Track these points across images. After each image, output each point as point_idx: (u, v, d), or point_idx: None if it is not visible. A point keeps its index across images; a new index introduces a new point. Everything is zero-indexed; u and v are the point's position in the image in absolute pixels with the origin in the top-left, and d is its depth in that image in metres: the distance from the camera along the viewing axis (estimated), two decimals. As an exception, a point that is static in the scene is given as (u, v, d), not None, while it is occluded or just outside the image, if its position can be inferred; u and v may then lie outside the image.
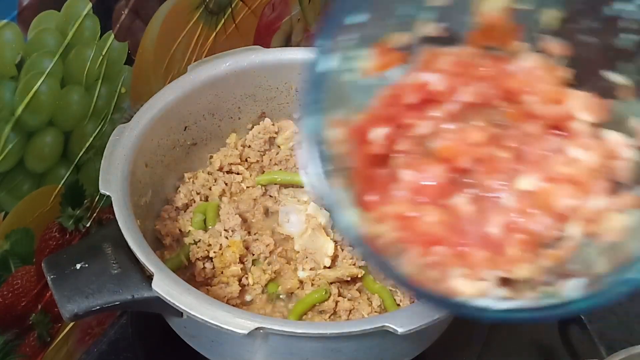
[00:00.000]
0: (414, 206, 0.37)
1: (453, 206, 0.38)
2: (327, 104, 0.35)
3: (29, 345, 0.58)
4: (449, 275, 0.36)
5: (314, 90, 0.34)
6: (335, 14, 0.34)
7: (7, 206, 0.51)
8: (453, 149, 0.38)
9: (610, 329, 0.66)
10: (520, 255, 0.36)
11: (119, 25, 0.56)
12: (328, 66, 0.34)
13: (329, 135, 0.35)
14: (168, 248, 0.61)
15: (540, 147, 0.37)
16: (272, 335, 0.48)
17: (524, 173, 0.37)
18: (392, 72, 0.36)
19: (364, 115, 0.37)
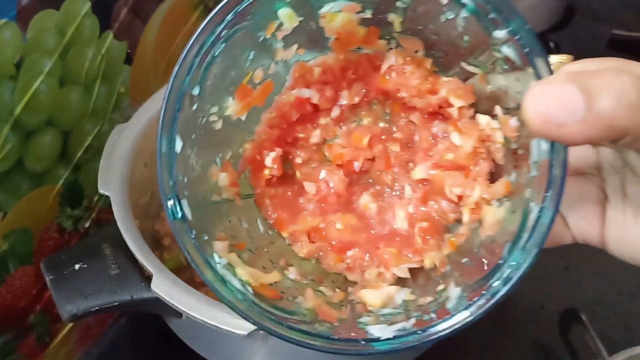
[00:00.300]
0: (323, 216, 0.39)
1: (360, 208, 0.39)
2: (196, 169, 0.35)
3: (28, 346, 0.58)
4: (356, 290, 0.37)
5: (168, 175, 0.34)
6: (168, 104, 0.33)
7: (6, 206, 0.51)
8: (344, 154, 0.39)
9: (610, 329, 0.66)
10: (426, 243, 0.37)
11: (118, 24, 0.56)
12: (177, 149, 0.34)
13: (219, 184, 0.36)
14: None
15: (428, 135, 0.38)
16: (271, 336, 0.48)
17: (417, 163, 0.38)
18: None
19: (252, 144, 0.38)
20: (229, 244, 0.35)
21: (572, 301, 0.68)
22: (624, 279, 0.71)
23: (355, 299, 0.36)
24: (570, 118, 0.24)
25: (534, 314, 0.67)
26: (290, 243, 0.38)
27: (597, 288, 0.70)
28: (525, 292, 0.69)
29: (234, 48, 0.34)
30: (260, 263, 0.36)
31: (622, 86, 0.24)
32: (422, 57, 0.37)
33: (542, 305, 0.68)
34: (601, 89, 0.24)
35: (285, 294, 0.36)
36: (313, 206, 0.39)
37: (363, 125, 0.39)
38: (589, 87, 0.24)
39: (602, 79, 0.24)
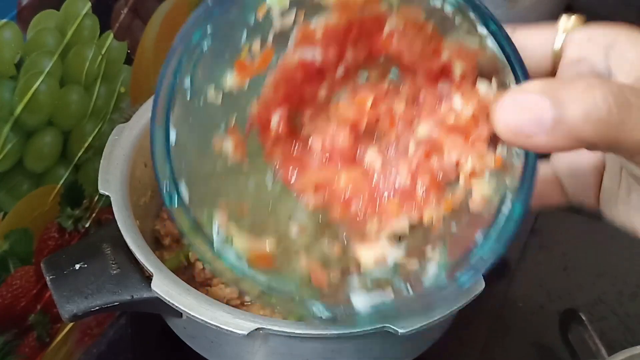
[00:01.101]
0: (329, 170, 0.39)
1: (365, 163, 0.40)
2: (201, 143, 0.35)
3: (28, 346, 0.58)
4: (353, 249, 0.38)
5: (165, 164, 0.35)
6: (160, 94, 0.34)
7: (6, 206, 0.51)
8: (350, 111, 0.39)
9: (610, 329, 0.66)
10: (427, 197, 0.37)
11: (118, 24, 0.56)
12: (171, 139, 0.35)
13: (225, 149, 0.37)
14: (167, 248, 0.61)
15: (433, 96, 0.38)
16: (272, 336, 0.48)
17: (421, 121, 0.38)
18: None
19: (258, 103, 0.38)
20: (230, 213, 0.35)
21: (572, 301, 0.68)
22: (624, 279, 0.71)
23: (350, 256, 0.37)
24: (540, 130, 0.25)
25: (533, 314, 0.67)
26: (297, 198, 0.39)
27: (597, 288, 0.70)
28: (525, 292, 0.69)
29: (224, 36, 0.34)
30: (262, 228, 0.37)
31: (593, 101, 0.24)
32: (424, 21, 0.36)
33: (541, 305, 0.68)
34: (571, 103, 0.24)
35: (281, 258, 0.37)
36: (320, 162, 0.39)
37: (367, 84, 0.39)
38: (560, 100, 0.24)
39: (574, 92, 0.24)
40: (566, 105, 0.24)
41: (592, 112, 0.24)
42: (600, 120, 0.24)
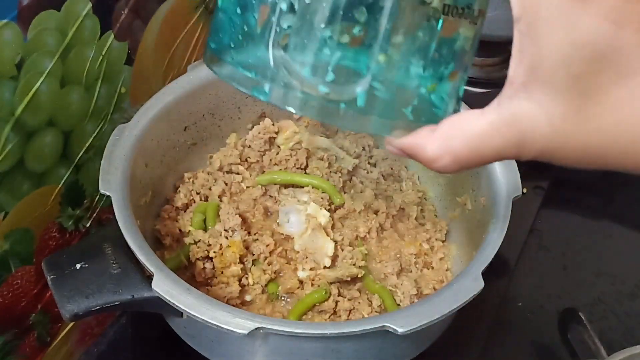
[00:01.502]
0: None
1: None
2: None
3: (28, 346, 0.58)
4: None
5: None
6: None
7: (7, 206, 0.51)
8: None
9: (610, 329, 0.66)
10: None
11: (119, 25, 0.56)
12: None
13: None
14: (168, 248, 0.61)
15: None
16: (272, 336, 0.48)
17: None
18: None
19: None
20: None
21: (572, 301, 0.68)
22: (624, 279, 0.71)
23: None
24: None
25: (533, 314, 0.67)
26: None
27: (597, 288, 0.70)
28: (524, 292, 0.69)
29: None
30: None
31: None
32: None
33: (541, 305, 0.68)
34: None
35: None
36: None
37: None
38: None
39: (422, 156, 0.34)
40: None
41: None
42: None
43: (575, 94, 0.27)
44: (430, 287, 0.60)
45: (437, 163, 0.33)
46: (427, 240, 0.64)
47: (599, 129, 0.28)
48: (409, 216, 0.66)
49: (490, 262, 0.50)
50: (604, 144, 0.28)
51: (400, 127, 0.36)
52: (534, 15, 0.27)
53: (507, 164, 0.58)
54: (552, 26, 0.27)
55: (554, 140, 0.29)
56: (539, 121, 0.29)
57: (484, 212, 0.58)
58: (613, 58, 0.26)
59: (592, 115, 0.28)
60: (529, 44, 0.28)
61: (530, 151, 0.30)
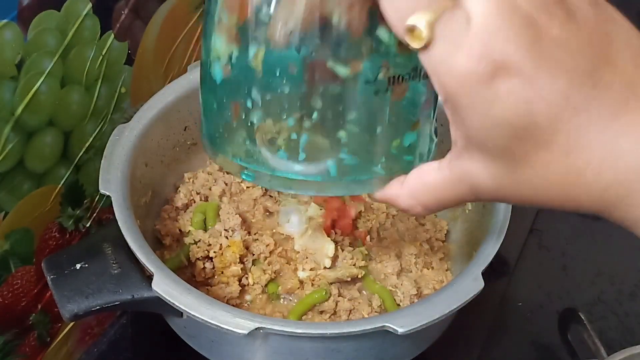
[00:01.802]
0: None
1: None
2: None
3: (28, 346, 0.58)
4: None
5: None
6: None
7: (7, 206, 0.51)
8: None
9: (610, 329, 0.66)
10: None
11: (119, 25, 0.56)
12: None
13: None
14: (168, 248, 0.61)
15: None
16: (272, 336, 0.48)
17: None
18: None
19: None
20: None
21: (571, 301, 0.68)
22: (623, 278, 0.71)
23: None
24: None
25: (533, 314, 0.67)
26: None
27: (596, 288, 0.70)
28: (524, 292, 0.69)
29: None
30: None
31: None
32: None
33: (541, 305, 0.68)
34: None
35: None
36: None
37: None
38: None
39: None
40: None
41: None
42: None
43: (505, 159, 0.31)
44: (430, 287, 0.60)
45: (411, 211, 0.37)
46: (427, 240, 0.64)
47: (528, 184, 0.31)
48: (409, 216, 0.66)
49: (490, 262, 0.50)
50: (536, 195, 0.32)
51: (375, 182, 0.39)
52: (456, 102, 0.30)
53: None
54: (471, 108, 0.29)
55: (497, 191, 0.33)
56: (483, 177, 0.32)
57: (484, 212, 0.58)
58: (529, 131, 0.29)
59: (520, 174, 0.31)
60: (459, 121, 0.31)
61: (485, 198, 0.34)
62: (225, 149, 0.41)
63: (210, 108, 0.41)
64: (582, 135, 0.29)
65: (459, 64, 0.28)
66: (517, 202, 0.34)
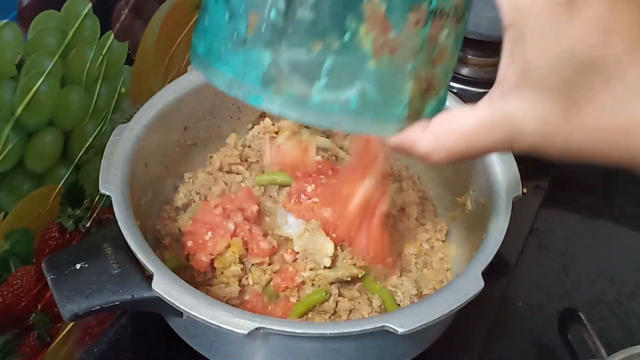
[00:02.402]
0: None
1: None
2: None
3: (28, 345, 0.58)
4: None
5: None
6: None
7: (7, 206, 0.51)
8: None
9: (610, 329, 0.66)
10: None
11: (119, 25, 0.56)
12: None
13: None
14: (168, 248, 0.61)
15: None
16: (272, 336, 0.48)
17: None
18: None
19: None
20: None
21: (571, 301, 0.68)
22: (623, 278, 0.71)
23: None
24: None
25: (533, 314, 0.67)
26: None
27: (596, 288, 0.70)
28: (524, 292, 0.69)
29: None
30: None
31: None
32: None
33: (541, 305, 0.68)
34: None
35: None
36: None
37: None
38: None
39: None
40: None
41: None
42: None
43: (564, 97, 0.29)
44: (430, 287, 0.60)
45: (431, 158, 0.34)
46: (427, 240, 0.64)
47: (583, 130, 0.29)
48: (409, 216, 0.66)
49: (490, 262, 0.50)
50: (587, 143, 0.30)
51: (394, 125, 0.36)
52: (524, 24, 0.28)
53: (507, 164, 0.58)
54: (541, 35, 0.28)
55: (542, 137, 0.31)
56: (529, 120, 0.30)
57: (484, 212, 0.58)
58: (599, 65, 0.28)
59: (578, 117, 0.29)
60: (520, 51, 0.29)
61: (520, 147, 0.32)
62: (229, 67, 0.35)
63: (218, 16, 0.35)
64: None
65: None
66: (558, 153, 0.31)
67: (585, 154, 0.30)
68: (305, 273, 0.59)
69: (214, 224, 0.59)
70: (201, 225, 0.59)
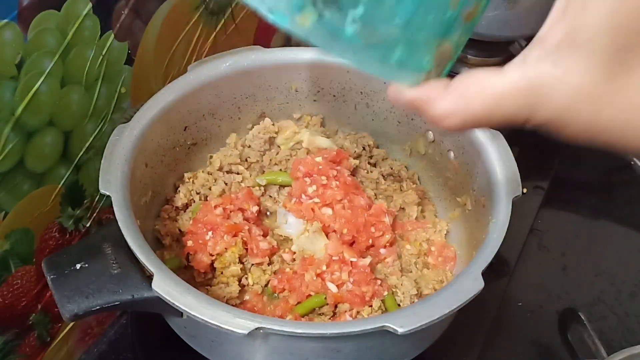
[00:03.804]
0: None
1: None
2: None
3: (28, 345, 0.58)
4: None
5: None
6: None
7: (7, 206, 0.51)
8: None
9: (610, 329, 0.66)
10: None
11: (119, 25, 0.56)
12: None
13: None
14: (168, 248, 0.61)
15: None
16: (272, 336, 0.48)
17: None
18: None
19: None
20: None
21: (571, 301, 0.68)
22: (623, 278, 0.71)
23: None
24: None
25: (533, 314, 0.67)
26: None
27: (596, 288, 0.70)
28: (524, 292, 0.69)
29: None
30: None
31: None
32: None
33: (541, 305, 0.68)
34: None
35: None
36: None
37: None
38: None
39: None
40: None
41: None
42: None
43: (611, 64, 0.27)
44: (430, 287, 0.60)
45: (446, 121, 0.32)
46: (427, 240, 0.64)
47: (619, 105, 0.27)
48: (409, 216, 0.66)
49: (490, 262, 0.50)
50: (616, 122, 0.28)
51: (416, 76, 0.34)
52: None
53: (507, 164, 0.58)
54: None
55: (569, 108, 0.28)
56: (563, 86, 0.28)
57: (484, 212, 0.58)
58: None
59: (618, 90, 0.27)
60: (576, 5, 0.27)
61: (540, 119, 0.29)
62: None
63: None
64: None
65: None
66: (575, 131, 0.29)
67: (608, 135, 0.28)
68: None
69: (214, 224, 0.58)
70: (201, 225, 0.59)
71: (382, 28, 0.33)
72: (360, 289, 0.56)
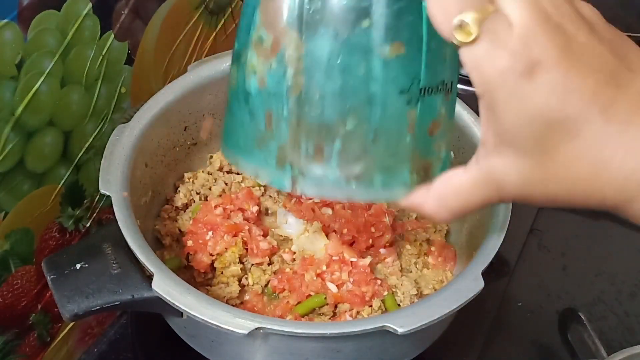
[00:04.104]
0: None
1: None
2: None
3: (28, 345, 0.58)
4: None
5: None
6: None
7: (7, 206, 0.51)
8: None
9: (610, 329, 0.66)
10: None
11: (119, 25, 0.56)
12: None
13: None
14: (168, 248, 0.61)
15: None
16: (272, 335, 0.48)
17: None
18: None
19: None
20: None
21: (571, 301, 0.68)
22: (623, 278, 0.71)
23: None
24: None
25: (533, 314, 0.67)
26: None
27: (596, 288, 0.70)
28: (524, 292, 0.69)
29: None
30: None
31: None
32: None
33: (541, 305, 0.68)
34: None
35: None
36: None
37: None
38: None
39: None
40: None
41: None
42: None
43: (536, 152, 0.33)
44: (430, 287, 0.60)
45: (436, 217, 0.39)
46: (427, 240, 0.64)
47: (557, 179, 0.33)
48: (409, 216, 0.66)
49: (490, 262, 0.51)
50: (562, 191, 0.33)
51: (402, 190, 0.41)
52: (493, 95, 0.32)
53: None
54: (509, 102, 0.32)
55: (524, 188, 0.34)
56: (510, 175, 0.34)
57: (484, 212, 0.58)
58: (562, 123, 0.31)
59: (550, 168, 0.33)
60: (493, 116, 0.33)
61: (508, 198, 0.35)
62: (255, 158, 0.41)
63: (241, 116, 0.42)
64: (609, 127, 0.31)
65: (502, 59, 0.31)
66: (541, 201, 0.35)
67: (563, 200, 0.34)
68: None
69: (214, 224, 0.59)
70: (201, 225, 0.59)
71: (355, 164, 0.40)
72: (360, 289, 0.56)
